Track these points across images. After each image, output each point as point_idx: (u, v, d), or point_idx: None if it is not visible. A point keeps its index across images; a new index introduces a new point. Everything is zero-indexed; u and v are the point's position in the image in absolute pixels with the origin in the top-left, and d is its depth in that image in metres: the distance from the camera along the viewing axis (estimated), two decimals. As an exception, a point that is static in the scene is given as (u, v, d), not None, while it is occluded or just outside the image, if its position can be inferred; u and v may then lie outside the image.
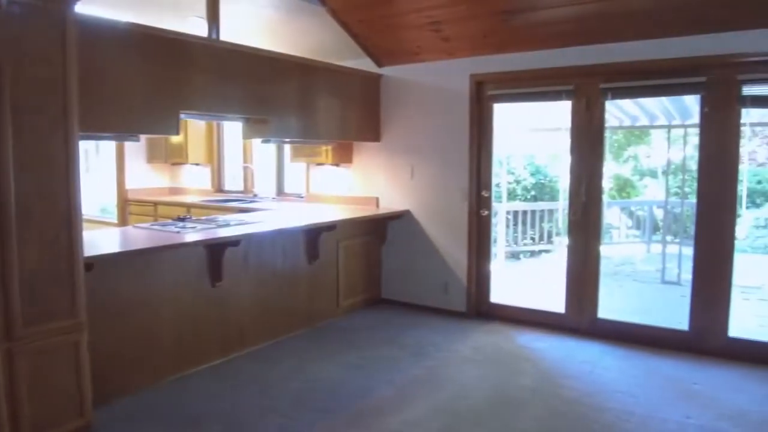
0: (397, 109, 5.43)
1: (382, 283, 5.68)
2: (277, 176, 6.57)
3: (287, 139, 5.14)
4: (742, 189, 8.24)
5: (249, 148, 6.81)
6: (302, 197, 6.21)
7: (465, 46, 4.84)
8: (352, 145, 5.70)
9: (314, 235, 4.74)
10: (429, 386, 3.72)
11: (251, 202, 6.26)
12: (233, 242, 3.94)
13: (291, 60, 4.66)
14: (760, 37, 3.89)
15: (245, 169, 6.84)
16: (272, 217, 4.92)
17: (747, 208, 10.69)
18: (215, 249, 3.92)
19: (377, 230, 5.54)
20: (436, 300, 5.35)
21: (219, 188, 7.13)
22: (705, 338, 4.32)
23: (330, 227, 4.76)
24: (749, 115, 7.35)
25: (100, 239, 3.75)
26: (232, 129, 6.79)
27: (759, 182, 11.62)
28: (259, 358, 4.19)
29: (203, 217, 4.82)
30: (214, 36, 4.31)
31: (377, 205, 5.61)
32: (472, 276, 5.21)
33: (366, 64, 5.40)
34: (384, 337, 4.65)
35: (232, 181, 7.02)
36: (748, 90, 4.06)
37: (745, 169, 9.63)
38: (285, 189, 6.55)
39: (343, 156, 5.69)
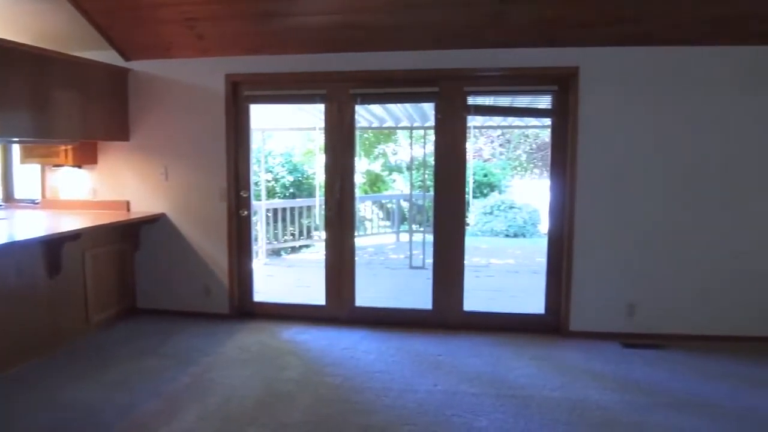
0: (149, 106, 5.12)
1: (138, 292, 5.33)
2: (4, 180, 5.71)
3: (16, 138, 4.52)
4: (470, 182, 9.51)
5: (-37, 148, 5.81)
6: (37, 203, 5.50)
7: (221, 45, 4.77)
8: (97, 145, 5.23)
9: (55, 246, 4.24)
10: (197, 393, 3.63)
11: (-30, 210, 5.36)
12: (-50, 260, 3.36)
13: (20, 48, 4.07)
14: (481, 56, 4.60)
15: (-41, 171, 5.82)
16: (0, 227, 4.29)
17: (475, 197, 12.37)
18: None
19: (129, 236, 5.18)
20: (198, 304, 5.21)
21: (-77, 195, 5.95)
22: (446, 314, 4.95)
23: (74, 236, 4.31)
24: (475, 120, 8.55)
25: None
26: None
27: (485, 175, 13.53)
28: (-5, 391, 3.65)
29: None
30: None
31: (128, 209, 5.23)
32: (234, 277, 5.18)
33: (112, 57, 4.98)
34: (144, 349, 4.39)
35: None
36: (472, 100, 4.76)
37: (471, 165, 11.09)
38: (15, 194, 5.73)
39: (86, 156, 5.19)
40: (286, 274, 7.70)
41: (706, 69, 4.41)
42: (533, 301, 5.13)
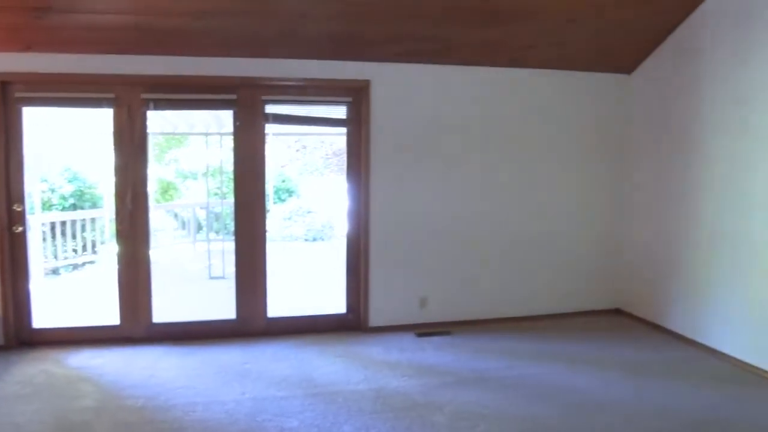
0: None
1: None
2: None
3: None
4: (269, 188, 9.54)
5: None
6: None
7: (-17, 39, 4.22)
8: None
9: None
10: (-32, 437, 3.19)
11: None
12: None
13: None
14: (279, 66, 4.72)
15: None
16: None
17: (275, 203, 12.42)
18: None
19: None
20: (-37, 336, 4.54)
21: None
22: (250, 322, 4.97)
23: None
24: (273, 127, 8.60)
25: None
26: None
27: (283, 181, 13.62)
28: None
29: None
30: None
31: None
32: (8, 302, 4.58)
33: None
34: None
35: None
36: (270, 109, 4.84)
37: (271, 171, 11.13)
38: None
39: None
40: (70, 295, 7.01)
41: (475, 85, 5.08)
42: (335, 302, 5.37)
